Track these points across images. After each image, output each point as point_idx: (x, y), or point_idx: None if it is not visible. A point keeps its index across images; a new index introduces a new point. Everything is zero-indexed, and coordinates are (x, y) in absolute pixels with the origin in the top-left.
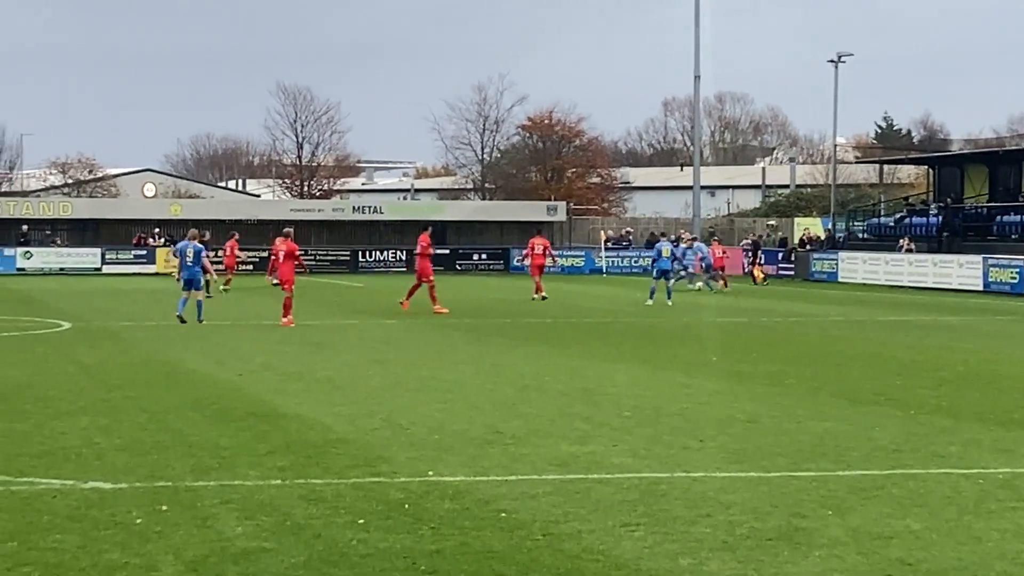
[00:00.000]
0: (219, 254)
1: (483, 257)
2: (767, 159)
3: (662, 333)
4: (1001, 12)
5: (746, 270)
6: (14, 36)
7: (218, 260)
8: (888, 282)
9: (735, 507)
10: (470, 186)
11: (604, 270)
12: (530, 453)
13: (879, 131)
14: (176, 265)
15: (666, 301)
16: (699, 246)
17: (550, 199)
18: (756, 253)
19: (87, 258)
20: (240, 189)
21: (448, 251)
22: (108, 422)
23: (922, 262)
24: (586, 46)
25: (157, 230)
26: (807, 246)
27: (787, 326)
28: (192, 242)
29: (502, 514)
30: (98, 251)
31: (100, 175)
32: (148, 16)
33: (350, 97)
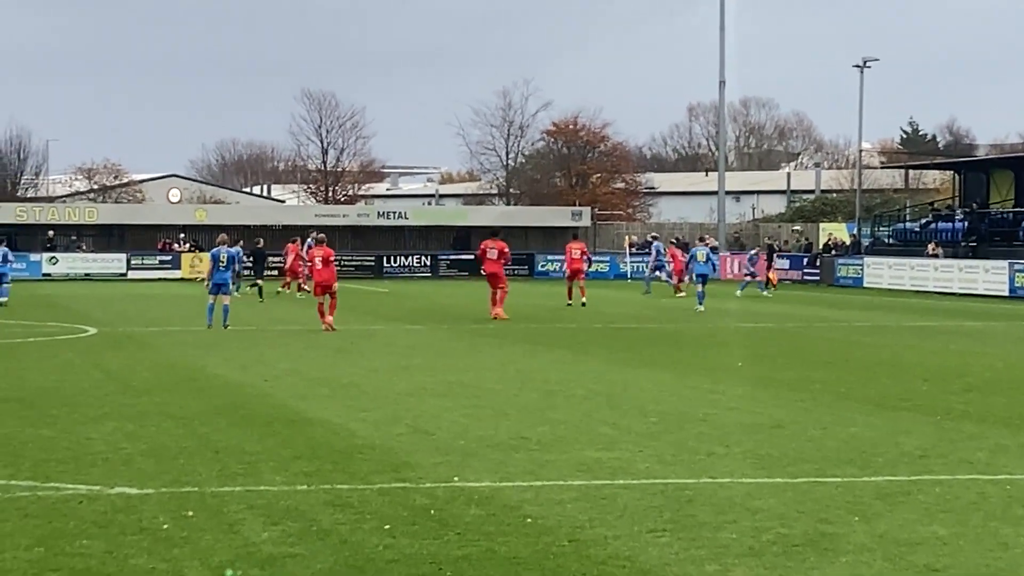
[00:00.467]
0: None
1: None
2: (792, 164)
3: (687, 338)
4: None
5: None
6: (39, 42)
7: (279, 265)
8: (914, 287)
9: (761, 513)
10: (495, 191)
11: (629, 275)
12: (556, 459)
13: (904, 136)
14: (205, 270)
15: (697, 307)
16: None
17: (575, 204)
18: (771, 257)
19: (112, 263)
20: (265, 194)
21: (473, 256)
22: (134, 427)
23: (948, 267)
24: (611, 51)
25: (182, 235)
26: (832, 251)
27: (813, 331)
28: (225, 247)
29: (528, 520)
30: (123, 256)
31: (125, 180)
32: (174, 23)
33: (375, 102)
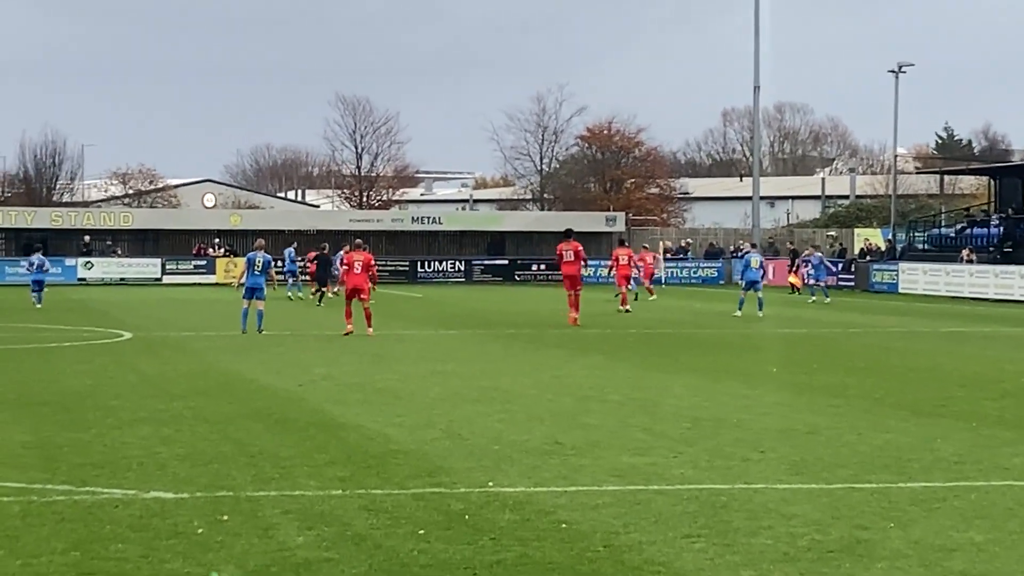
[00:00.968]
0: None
1: (542, 268)
2: (827, 169)
3: (722, 344)
4: None
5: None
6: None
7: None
8: (949, 293)
9: (796, 519)
10: (529, 196)
11: (663, 281)
12: (590, 464)
13: (940, 141)
14: (239, 274)
15: (757, 312)
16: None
17: (609, 210)
18: (794, 261)
19: (148, 268)
20: (299, 199)
21: (507, 262)
22: (169, 432)
23: (983, 273)
24: (646, 57)
25: (217, 240)
26: (867, 256)
27: (847, 337)
28: (261, 252)
29: (562, 525)
30: (158, 261)
31: (161, 185)
32: (209, 29)
33: (409, 108)
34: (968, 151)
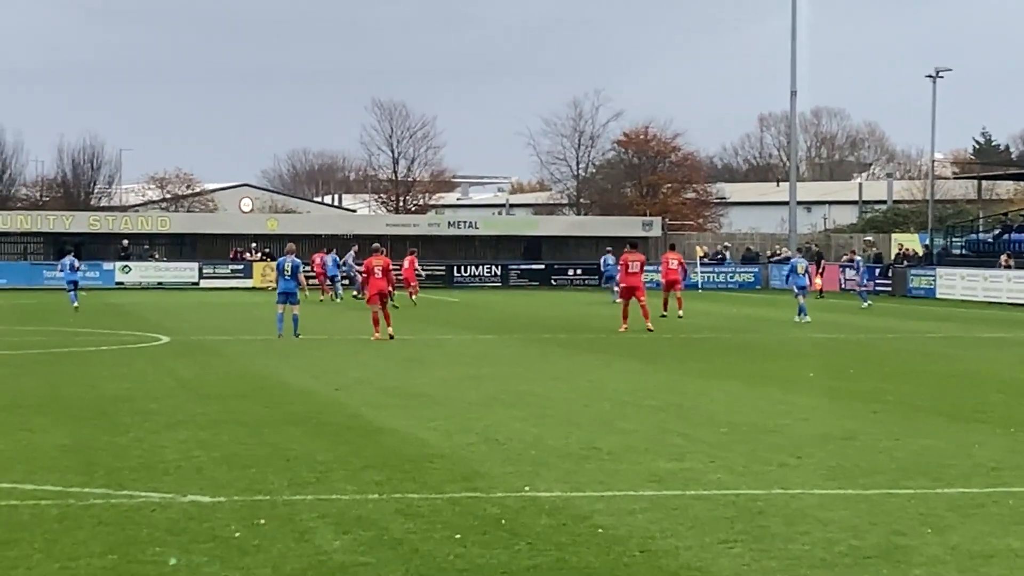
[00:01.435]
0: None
1: (578, 272)
2: (864, 175)
3: (758, 349)
4: None
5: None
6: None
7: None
8: (987, 299)
9: (833, 524)
10: (565, 201)
11: (699, 286)
12: (626, 469)
13: (977, 146)
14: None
15: (803, 318)
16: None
17: (645, 214)
18: (819, 264)
19: (185, 272)
20: (336, 204)
21: (543, 266)
22: (206, 436)
23: (1021, 278)
24: (682, 62)
25: (254, 245)
26: (904, 262)
27: (884, 343)
28: (290, 257)
29: (599, 530)
30: (195, 265)
31: (198, 190)
32: (246, 34)
33: (446, 112)
34: (1006, 156)
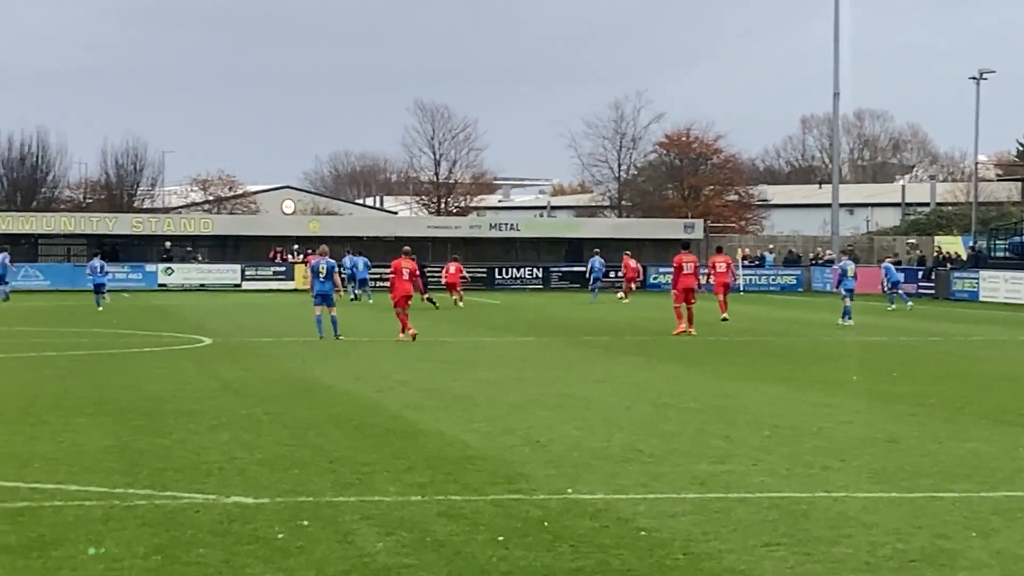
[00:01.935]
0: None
1: (619, 275)
2: (907, 177)
3: (800, 352)
4: None
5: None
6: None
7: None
8: None
9: (877, 528)
10: (606, 203)
11: (741, 288)
12: (669, 471)
13: (1021, 148)
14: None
15: (847, 321)
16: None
17: (687, 217)
18: None
19: (227, 274)
20: (378, 206)
21: (584, 269)
22: (249, 437)
23: None
24: (724, 63)
25: (296, 246)
26: (948, 264)
27: (928, 346)
28: (324, 258)
29: (641, 533)
30: (238, 267)
31: (240, 192)
32: (288, 37)
33: (487, 114)
34: None
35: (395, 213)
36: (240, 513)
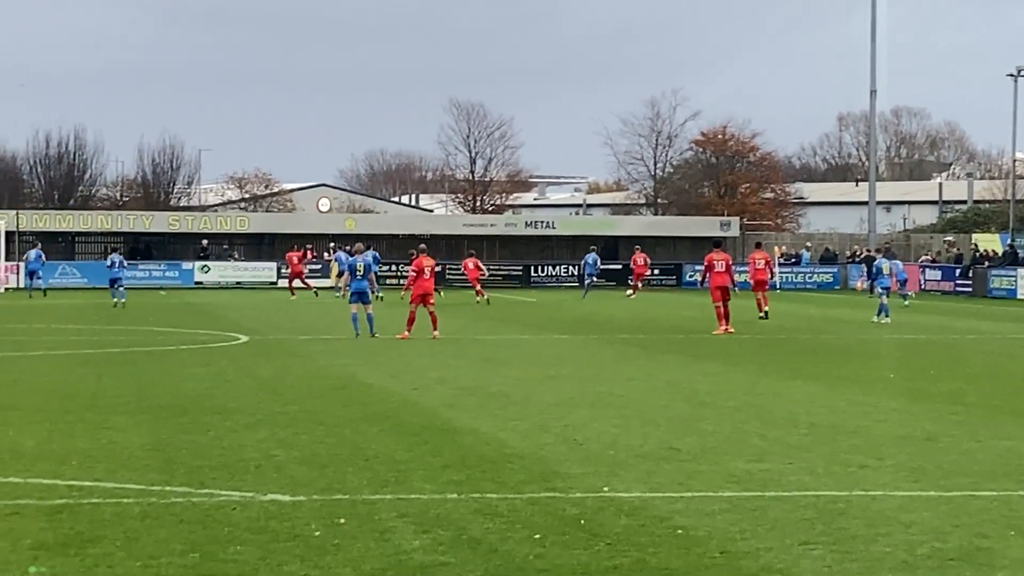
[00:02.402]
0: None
1: (655, 272)
2: (944, 174)
3: (837, 350)
4: None
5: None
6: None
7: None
8: None
9: (915, 526)
10: (642, 201)
11: (778, 286)
12: (705, 470)
13: None
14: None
15: (883, 318)
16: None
17: (723, 214)
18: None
19: (263, 272)
20: (413, 204)
21: (620, 266)
22: (286, 435)
23: None
24: (761, 61)
25: (332, 244)
26: (985, 262)
27: (965, 344)
28: (361, 256)
29: (678, 531)
30: (274, 265)
31: (276, 190)
32: (324, 36)
33: (523, 112)
34: None
35: (430, 211)
36: (277, 511)
